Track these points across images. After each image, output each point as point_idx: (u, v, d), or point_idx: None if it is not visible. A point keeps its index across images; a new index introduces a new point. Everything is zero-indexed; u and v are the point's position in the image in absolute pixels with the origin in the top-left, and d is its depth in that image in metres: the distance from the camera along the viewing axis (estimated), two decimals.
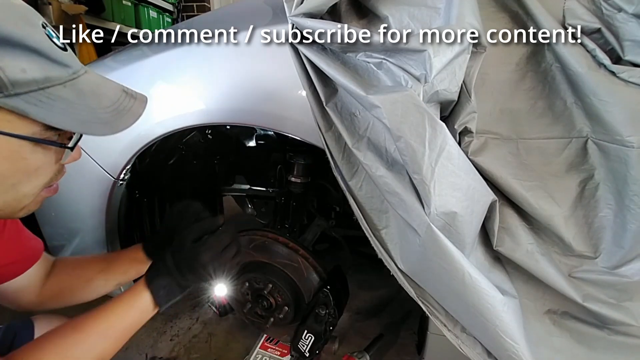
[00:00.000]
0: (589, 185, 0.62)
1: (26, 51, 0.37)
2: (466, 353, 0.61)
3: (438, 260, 0.53)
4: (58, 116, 0.39)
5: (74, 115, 0.40)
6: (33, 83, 0.37)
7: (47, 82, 0.38)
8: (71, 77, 0.41)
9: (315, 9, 0.58)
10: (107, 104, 0.44)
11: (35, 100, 0.37)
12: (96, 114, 0.42)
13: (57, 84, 0.39)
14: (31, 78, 0.37)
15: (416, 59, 0.52)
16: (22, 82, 0.36)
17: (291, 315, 0.92)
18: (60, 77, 0.40)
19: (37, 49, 0.38)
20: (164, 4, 2.76)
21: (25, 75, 0.36)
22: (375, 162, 0.56)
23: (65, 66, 0.41)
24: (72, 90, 0.40)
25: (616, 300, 0.59)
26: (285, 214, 1.07)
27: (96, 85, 0.44)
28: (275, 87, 0.68)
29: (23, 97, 0.37)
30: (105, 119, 0.42)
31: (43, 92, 0.38)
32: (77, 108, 0.40)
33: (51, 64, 0.39)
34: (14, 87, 0.36)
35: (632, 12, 0.56)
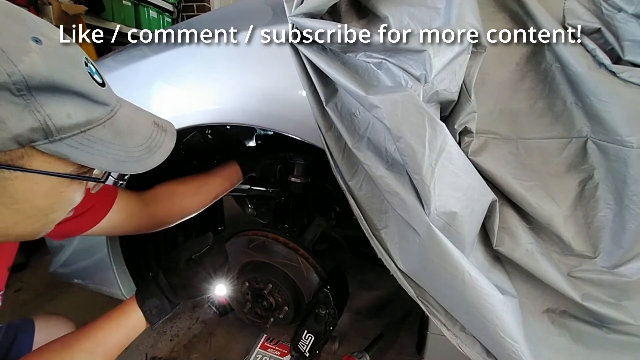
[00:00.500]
0: (589, 185, 0.62)
1: (72, 95, 0.38)
2: (465, 352, 0.61)
3: (438, 260, 0.53)
4: (97, 158, 0.40)
5: (111, 156, 0.41)
6: (76, 127, 0.38)
7: (88, 125, 0.39)
8: (109, 116, 0.42)
9: (315, 9, 0.58)
10: (141, 141, 0.45)
11: (77, 144, 0.38)
12: (131, 153, 0.43)
13: (97, 125, 0.40)
14: (75, 122, 0.38)
15: (416, 59, 0.52)
16: (66, 127, 0.37)
17: (291, 315, 0.92)
18: (100, 117, 0.41)
19: (82, 92, 0.38)
20: (164, 4, 2.76)
21: (70, 121, 0.37)
22: (375, 162, 0.56)
23: (105, 105, 0.42)
24: (110, 131, 0.42)
25: (615, 300, 0.60)
26: (285, 214, 1.08)
27: (131, 121, 0.45)
28: (275, 87, 0.68)
29: (66, 141, 0.37)
30: (138, 157, 0.44)
31: (84, 134, 0.39)
32: (113, 148, 0.41)
33: (93, 105, 0.40)
34: (58, 133, 0.37)
35: (632, 12, 0.56)
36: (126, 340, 0.57)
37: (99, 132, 0.40)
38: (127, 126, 0.44)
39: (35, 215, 0.42)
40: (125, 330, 0.57)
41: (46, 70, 0.35)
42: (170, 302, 0.60)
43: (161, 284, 0.60)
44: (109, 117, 0.42)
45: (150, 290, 0.59)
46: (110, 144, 0.41)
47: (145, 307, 0.58)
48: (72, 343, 0.53)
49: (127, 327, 0.57)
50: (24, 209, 0.40)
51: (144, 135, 0.46)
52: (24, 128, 0.34)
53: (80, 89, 0.38)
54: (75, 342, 0.53)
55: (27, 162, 0.37)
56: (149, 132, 0.47)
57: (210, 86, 0.73)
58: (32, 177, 0.38)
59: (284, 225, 1.06)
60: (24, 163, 0.37)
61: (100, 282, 0.96)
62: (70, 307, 1.29)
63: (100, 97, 0.41)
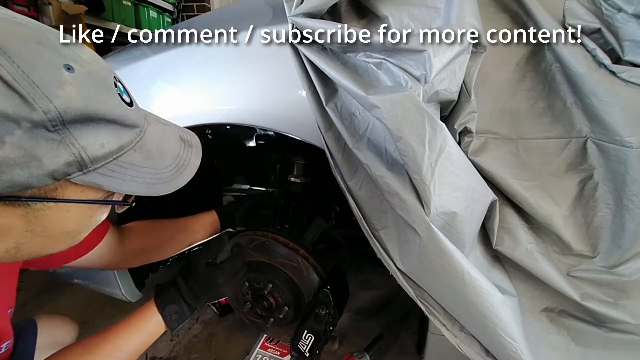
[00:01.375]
0: (588, 185, 0.62)
1: (105, 123, 0.36)
2: (465, 352, 0.61)
3: (437, 259, 0.53)
4: (128, 184, 0.39)
5: (141, 179, 0.40)
6: (109, 155, 0.37)
7: (120, 151, 0.38)
8: (139, 138, 0.41)
9: (315, 9, 0.58)
10: (170, 161, 0.44)
11: (109, 172, 0.38)
12: (160, 174, 0.43)
13: (128, 150, 0.39)
14: (108, 151, 0.37)
15: (416, 59, 0.52)
16: (100, 157, 0.36)
17: (291, 315, 0.92)
18: (131, 141, 0.40)
19: (115, 119, 0.37)
20: (164, 4, 2.76)
21: (103, 150, 0.36)
22: (375, 162, 0.56)
23: (135, 127, 0.41)
24: (140, 154, 0.41)
25: (614, 299, 0.60)
26: (285, 214, 1.08)
27: (159, 140, 0.45)
28: (275, 87, 0.68)
29: (99, 171, 0.37)
30: (167, 178, 0.43)
31: (116, 161, 0.38)
32: (144, 172, 0.41)
33: (124, 129, 0.39)
34: (92, 164, 0.36)
35: (632, 12, 0.56)
36: (144, 345, 0.57)
37: (130, 157, 0.40)
38: (157, 147, 0.44)
39: (64, 238, 0.42)
40: (144, 335, 0.57)
41: (81, 103, 0.34)
42: (189, 306, 0.60)
43: (181, 288, 0.60)
44: (139, 139, 0.41)
45: (171, 295, 0.60)
46: (141, 168, 0.40)
47: (166, 313, 0.58)
48: (93, 347, 0.53)
49: (146, 332, 0.57)
50: (54, 235, 0.40)
51: (172, 154, 0.45)
52: (60, 163, 0.34)
53: (113, 116, 0.37)
54: (96, 346, 0.53)
55: (60, 193, 0.36)
56: (176, 151, 0.46)
57: (210, 86, 0.73)
58: (64, 205, 0.38)
59: (284, 226, 1.06)
60: (57, 194, 0.36)
61: (100, 282, 0.96)
62: (70, 307, 1.29)
63: (130, 119, 0.40)
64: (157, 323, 0.58)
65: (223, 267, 0.63)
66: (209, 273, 0.62)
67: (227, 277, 0.63)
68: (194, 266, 0.63)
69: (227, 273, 0.63)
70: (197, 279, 0.61)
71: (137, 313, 0.59)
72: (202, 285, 0.61)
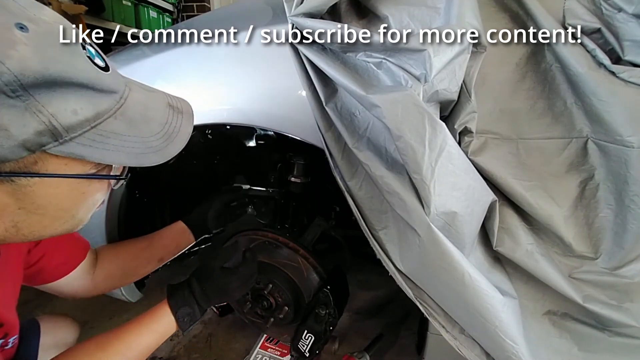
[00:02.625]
0: (589, 185, 0.62)
1: (74, 88, 0.34)
2: (465, 354, 0.61)
3: (438, 260, 0.53)
4: (113, 154, 0.37)
5: (127, 149, 0.38)
6: (85, 123, 0.35)
7: (98, 118, 0.36)
8: (119, 105, 0.39)
9: (315, 9, 0.58)
10: (157, 129, 0.42)
11: (89, 141, 0.35)
12: (148, 143, 0.40)
13: (107, 117, 0.37)
14: (83, 118, 0.34)
15: (416, 58, 0.51)
16: (75, 125, 0.34)
17: (291, 315, 0.92)
18: (109, 108, 0.37)
19: (85, 82, 0.34)
20: (164, 4, 2.76)
21: (77, 117, 0.34)
22: (375, 162, 0.56)
23: (112, 92, 0.38)
24: (122, 122, 0.38)
25: (617, 302, 0.59)
26: (285, 214, 1.07)
27: (143, 107, 0.42)
28: (275, 87, 0.68)
29: (77, 140, 0.34)
30: (157, 147, 0.41)
31: (95, 129, 0.36)
32: (129, 141, 0.38)
33: (99, 94, 0.36)
34: (68, 133, 0.33)
35: (632, 12, 0.56)
36: (155, 344, 0.57)
37: (110, 124, 0.37)
38: (141, 113, 0.40)
39: (62, 217, 0.40)
40: (155, 335, 0.57)
41: (39, 64, 0.31)
42: (200, 308, 0.61)
43: (195, 291, 0.60)
44: (119, 105, 0.38)
45: (184, 297, 0.60)
46: (125, 137, 0.38)
47: (179, 315, 0.58)
48: (106, 345, 0.53)
49: (158, 333, 0.57)
50: (49, 213, 0.38)
51: (159, 121, 0.42)
52: (30, 133, 0.31)
53: (82, 80, 0.34)
54: (109, 344, 0.53)
55: (42, 167, 0.35)
56: (164, 117, 0.43)
57: (210, 86, 0.73)
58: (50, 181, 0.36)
59: (284, 225, 1.06)
60: (39, 168, 0.34)
61: None
62: (70, 307, 1.29)
63: (106, 84, 0.37)
64: (169, 324, 0.58)
65: (238, 273, 0.64)
66: (224, 277, 0.62)
67: (241, 282, 0.64)
68: (208, 269, 0.63)
69: (241, 278, 0.64)
70: (212, 282, 0.61)
71: (150, 313, 0.59)
72: (217, 289, 0.61)
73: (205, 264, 0.65)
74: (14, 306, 0.53)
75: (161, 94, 0.47)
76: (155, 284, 1.45)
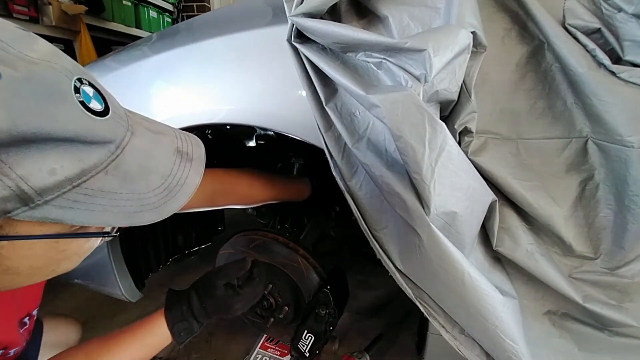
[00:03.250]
0: (589, 185, 0.62)
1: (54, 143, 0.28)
2: (465, 355, 0.61)
3: (437, 260, 0.53)
4: (99, 215, 0.30)
5: (117, 209, 0.31)
6: (66, 182, 0.28)
7: (83, 176, 0.29)
8: (114, 156, 0.32)
9: (315, 9, 0.58)
10: (157, 182, 0.35)
11: (70, 202, 0.29)
12: (144, 200, 0.33)
13: (96, 173, 0.30)
14: (63, 178, 0.28)
15: (416, 58, 0.51)
16: (52, 186, 0.28)
17: (291, 315, 0.92)
18: (100, 161, 0.30)
19: (69, 136, 0.28)
20: (164, 4, 2.76)
21: (55, 177, 0.28)
22: (375, 162, 0.56)
23: (106, 143, 0.31)
24: (115, 177, 0.31)
25: (617, 302, 0.59)
26: (285, 214, 1.08)
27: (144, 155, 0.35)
28: (275, 87, 0.68)
29: (53, 203, 0.28)
30: (155, 204, 0.34)
31: (79, 188, 0.29)
32: (121, 198, 0.32)
33: (87, 147, 0.30)
34: (41, 197, 0.27)
35: (632, 12, 0.56)
36: (148, 356, 0.56)
37: (99, 181, 0.30)
38: (139, 164, 0.34)
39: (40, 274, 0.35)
40: (148, 349, 0.56)
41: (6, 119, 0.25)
42: (198, 322, 0.59)
43: (194, 307, 0.58)
44: (113, 157, 0.32)
45: (182, 312, 0.58)
46: (116, 194, 0.31)
47: (175, 329, 0.57)
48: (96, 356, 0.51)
49: (151, 346, 0.56)
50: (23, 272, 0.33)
51: (161, 173, 0.35)
52: None
53: (65, 134, 0.28)
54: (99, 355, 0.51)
55: (9, 230, 0.29)
56: (168, 167, 0.36)
57: (210, 86, 0.73)
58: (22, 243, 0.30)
59: (284, 225, 1.06)
60: (7, 232, 0.29)
61: (100, 282, 0.96)
62: (70, 307, 1.29)
63: (99, 134, 0.30)
64: (164, 337, 0.57)
65: (243, 294, 0.60)
66: (227, 298, 0.59)
67: (244, 303, 0.61)
68: (210, 286, 0.60)
69: (245, 299, 0.61)
70: (213, 301, 0.59)
71: (145, 324, 0.56)
72: (217, 307, 0.59)
73: (208, 278, 0.62)
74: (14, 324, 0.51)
75: (170, 135, 0.40)
76: (156, 284, 1.45)
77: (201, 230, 1.30)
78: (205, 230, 1.34)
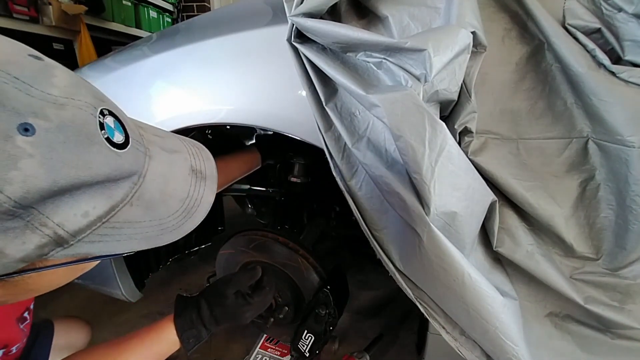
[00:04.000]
0: (590, 185, 0.62)
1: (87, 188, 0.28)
2: (465, 356, 0.60)
3: (437, 260, 0.53)
4: (124, 244, 0.32)
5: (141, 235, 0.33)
6: (97, 221, 0.30)
7: (111, 212, 0.31)
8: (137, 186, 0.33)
9: (315, 9, 0.58)
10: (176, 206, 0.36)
11: (99, 237, 0.30)
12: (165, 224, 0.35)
13: (123, 207, 0.31)
14: (95, 218, 0.29)
15: (416, 58, 0.51)
16: (84, 227, 0.29)
17: (291, 315, 0.92)
18: (125, 195, 0.31)
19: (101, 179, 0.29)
20: (164, 4, 2.76)
21: (89, 219, 0.29)
22: (375, 162, 0.56)
23: (130, 176, 0.32)
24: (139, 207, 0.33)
25: (619, 303, 0.59)
26: (285, 214, 1.08)
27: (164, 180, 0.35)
28: (275, 87, 0.68)
29: (85, 239, 0.29)
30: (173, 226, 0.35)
31: (108, 223, 0.30)
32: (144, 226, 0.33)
33: (115, 184, 0.30)
34: (74, 237, 0.29)
35: (632, 12, 0.56)
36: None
37: (125, 214, 0.32)
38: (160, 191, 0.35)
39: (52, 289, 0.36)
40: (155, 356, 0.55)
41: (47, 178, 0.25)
42: (207, 330, 0.59)
43: (203, 315, 0.58)
44: (137, 188, 0.32)
45: (192, 320, 0.58)
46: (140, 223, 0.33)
47: (184, 337, 0.57)
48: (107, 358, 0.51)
49: (159, 353, 0.56)
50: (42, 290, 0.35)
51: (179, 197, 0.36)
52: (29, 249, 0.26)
53: (98, 177, 0.29)
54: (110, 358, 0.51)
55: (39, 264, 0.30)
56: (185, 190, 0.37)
57: (210, 86, 0.73)
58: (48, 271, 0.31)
59: (284, 225, 1.06)
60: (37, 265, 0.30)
61: (100, 282, 0.96)
62: (70, 307, 1.29)
63: (124, 169, 0.31)
64: (172, 343, 0.56)
65: (253, 303, 0.61)
66: (237, 306, 0.60)
67: (254, 312, 0.62)
68: (221, 295, 0.60)
69: (254, 309, 0.61)
70: (222, 309, 0.59)
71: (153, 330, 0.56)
72: (227, 316, 0.59)
73: (218, 287, 0.62)
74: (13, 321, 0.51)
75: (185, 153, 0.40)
76: (156, 284, 1.45)
77: (201, 230, 1.29)
78: (205, 230, 1.34)
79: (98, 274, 0.94)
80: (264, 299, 0.63)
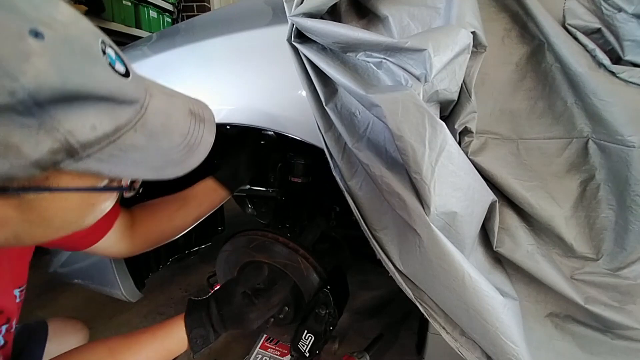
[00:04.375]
0: (590, 185, 0.62)
1: (93, 101, 0.31)
2: (465, 356, 0.60)
3: (437, 260, 0.53)
4: (131, 169, 0.35)
5: (146, 163, 0.36)
6: (104, 138, 0.32)
7: (117, 132, 0.33)
8: (140, 115, 0.36)
9: (315, 9, 0.58)
10: (179, 140, 0.39)
11: (107, 157, 0.32)
12: (168, 156, 0.38)
13: (127, 130, 0.34)
14: (102, 134, 0.32)
15: (416, 58, 0.51)
16: (92, 141, 0.31)
17: (291, 315, 0.92)
18: (130, 119, 0.34)
19: (105, 94, 0.32)
20: (164, 4, 2.76)
21: (96, 133, 0.31)
22: (375, 162, 0.56)
23: (133, 102, 0.35)
24: (142, 134, 0.35)
25: (619, 303, 0.59)
26: (285, 214, 1.07)
27: (165, 116, 0.39)
28: (275, 87, 0.68)
29: (94, 156, 0.32)
30: (177, 160, 0.38)
31: (114, 144, 0.33)
32: (149, 154, 0.36)
33: (119, 106, 0.33)
34: (84, 150, 0.31)
35: (632, 12, 0.56)
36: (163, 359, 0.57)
37: (130, 138, 0.34)
38: (162, 124, 0.38)
39: (67, 228, 0.39)
40: (165, 353, 0.56)
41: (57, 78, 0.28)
42: (215, 332, 0.59)
43: (212, 314, 0.59)
44: (140, 116, 0.36)
45: (201, 318, 0.58)
46: (145, 150, 0.35)
47: (192, 335, 0.57)
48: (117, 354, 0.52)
49: (168, 350, 0.56)
50: (54, 224, 0.37)
51: (181, 132, 0.40)
52: (43, 152, 0.29)
53: (102, 92, 0.31)
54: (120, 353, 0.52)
55: (53, 182, 0.32)
56: (186, 127, 0.41)
57: (210, 86, 0.73)
58: (60, 194, 0.34)
59: (284, 225, 1.06)
60: (50, 183, 0.32)
61: (100, 282, 0.96)
62: (70, 307, 1.29)
63: (127, 94, 0.34)
64: (181, 341, 0.57)
65: (258, 304, 0.62)
66: (243, 306, 0.60)
67: (259, 314, 0.62)
68: (229, 294, 0.61)
69: (260, 310, 0.61)
70: (229, 308, 0.60)
71: (164, 326, 0.57)
72: (233, 316, 0.60)
73: (227, 285, 0.63)
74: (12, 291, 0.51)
75: (183, 98, 0.44)
76: (156, 284, 1.45)
77: (201, 230, 1.29)
78: (205, 230, 1.34)
79: (98, 274, 0.94)
80: (267, 301, 0.63)
